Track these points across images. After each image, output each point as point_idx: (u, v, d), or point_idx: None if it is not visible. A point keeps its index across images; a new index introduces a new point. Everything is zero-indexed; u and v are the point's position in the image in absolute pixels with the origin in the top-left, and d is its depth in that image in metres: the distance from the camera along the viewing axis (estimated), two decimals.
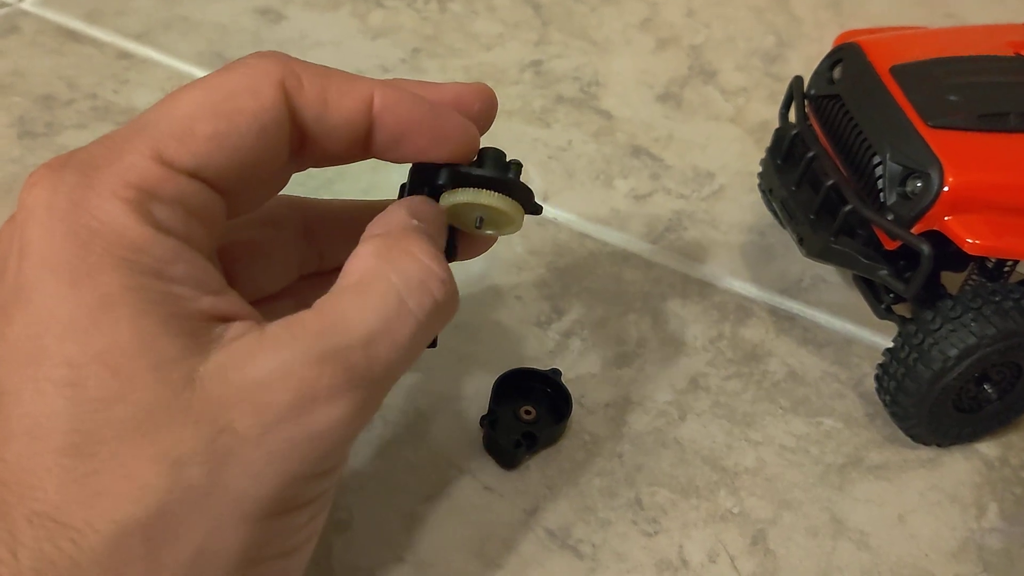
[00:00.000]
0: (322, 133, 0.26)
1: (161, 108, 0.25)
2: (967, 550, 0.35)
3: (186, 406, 0.22)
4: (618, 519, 0.35)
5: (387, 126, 0.27)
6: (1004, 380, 0.37)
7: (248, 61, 0.26)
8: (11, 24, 0.58)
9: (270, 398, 0.22)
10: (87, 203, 0.22)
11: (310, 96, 0.26)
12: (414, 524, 0.34)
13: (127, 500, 0.21)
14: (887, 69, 0.37)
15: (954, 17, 0.67)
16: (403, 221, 0.27)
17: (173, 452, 0.21)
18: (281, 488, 0.23)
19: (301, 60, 0.26)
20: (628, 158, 0.52)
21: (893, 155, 0.35)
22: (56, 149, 0.49)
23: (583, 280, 0.44)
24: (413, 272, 0.25)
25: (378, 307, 0.24)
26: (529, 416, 0.37)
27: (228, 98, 0.25)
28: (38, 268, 0.22)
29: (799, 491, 0.36)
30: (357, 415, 0.24)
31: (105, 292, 0.22)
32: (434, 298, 0.25)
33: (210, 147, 0.24)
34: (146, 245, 0.22)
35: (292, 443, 0.23)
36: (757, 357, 0.41)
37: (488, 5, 0.64)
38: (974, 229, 0.33)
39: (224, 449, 0.22)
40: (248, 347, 0.23)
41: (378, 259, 0.25)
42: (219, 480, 0.22)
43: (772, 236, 0.48)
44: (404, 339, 0.25)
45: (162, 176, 0.23)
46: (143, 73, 0.55)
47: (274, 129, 0.25)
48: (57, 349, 0.22)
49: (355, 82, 0.27)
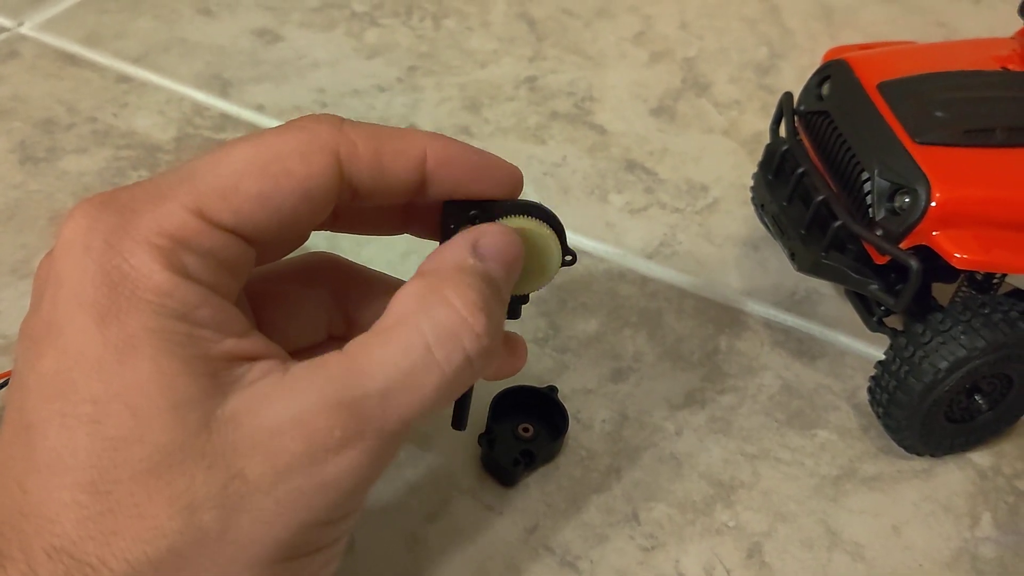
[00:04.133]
0: (377, 191, 0.27)
1: (210, 159, 0.25)
2: (961, 560, 0.35)
3: (201, 449, 0.22)
4: (616, 535, 0.35)
5: (442, 180, 0.27)
6: (995, 391, 0.37)
7: (304, 124, 0.26)
8: (10, 49, 0.58)
9: (283, 446, 0.22)
10: (121, 246, 0.23)
11: (365, 160, 0.26)
12: (416, 545, 0.34)
13: (140, 540, 0.21)
14: (874, 85, 0.38)
15: (946, 26, 0.68)
16: (457, 259, 0.26)
17: (186, 495, 0.22)
18: (291, 535, 0.23)
19: (353, 122, 0.26)
20: (622, 173, 0.53)
21: (881, 171, 0.36)
22: (58, 174, 0.49)
23: (579, 296, 0.45)
24: (446, 321, 0.24)
25: (402, 357, 0.24)
26: (527, 434, 0.37)
27: (277, 159, 0.24)
28: (69, 304, 0.23)
29: (794, 503, 0.37)
30: (370, 465, 0.24)
31: (130, 333, 0.22)
32: (465, 352, 0.24)
33: (252, 206, 0.24)
34: (172, 290, 0.23)
35: (303, 492, 0.23)
36: (752, 370, 0.42)
37: (483, 21, 0.65)
38: (962, 244, 0.34)
39: (236, 495, 0.22)
40: (267, 391, 0.23)
41: (415, 304, 0.25)
42: (230, 525, 0.22)
43: (766, 249, 0.48)
44: (426, 393, 0.24)
45: (198, 229, 0.24)
46: (142, 96, 0.55)
47: (319, 195, 0.25)
48: (84, 385, 0.22)
49: (407, 140, 0.27)
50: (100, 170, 0.50)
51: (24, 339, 0.24)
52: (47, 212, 0.47)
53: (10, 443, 0.23)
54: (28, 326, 0.24)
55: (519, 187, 0.29)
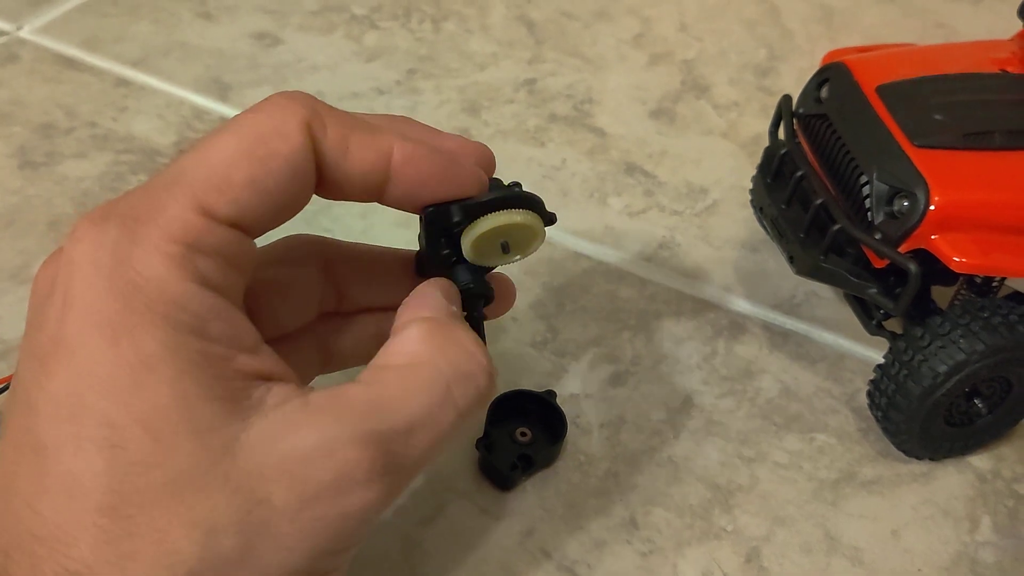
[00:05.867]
0: (339, 178, 0.27)
1: (196, 155, 0.25)
2: (960, 564, 0.35)
3: (225, 474, 0.22)
4: (613, 539, 0.35)
5: (405, 181, 0.27)
6: (994, 394, 0.37)
7: (275, 101, 0.26)
8: (9, 53, 0.58)
9: (311, 474, 0.23)
10: (131, 258, 0.23)
11: (332, 141, 0.26)
12: (412, 548, 0.34)
13: (158, 565, 0.21)
14: (873, 88, 0.38)
15: (945, 27, 0.68)
16: (445, 307, 0.28)
17: (208, 520, 0.22)
18: (308, 562, 0.23)
19: (324, 103, 0.27)
20: (622, 175, 0.53)
21: (880, 175, 0.35)
22: (57, 179, 0.49)
23: (578, 299, 0.45)
24: (462, 362, 0.26)
25: (425, 395, 0.25)
26: (525, 438, 0.37)
27: (260, 142, 0.25)
28: (80, 323, 0.22)
29: (793, 508, 0.37)
30: (388, 498, 0.24)
31: (146, 352, 0.22)
32: (478, 389, 0.26)
33: (247, 194, 0.24)
34: (186, 301, 0.23)
35: (325, 521, 0.23)
36: (751, 374, 0.42)
37: (482, 24, 0.65)
38: (961, 247, 0.34)
39: (259, 521, 0.22)
40: (291, 418, 0.23)
41: (428, 345, 0.26)
42: (251, 551, 0.22)
43: (765, 252, 0.48)
44: (444, 429, 0.25)
45: (204, 228, 0.24)
46: (141, 100, 0.55)
47: (304, 169, 0.25)
48: (98, 407, 0.22)
49: (376, 136, 0.27)
50: (100, 175, 0.50)
51: (29, 358, 0.24)
52: (46, 217, 0.47)
53: (16, 462, 0.23)
54: (32, 343, 0.24)
55: (483, 189, 0.29)
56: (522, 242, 0.30)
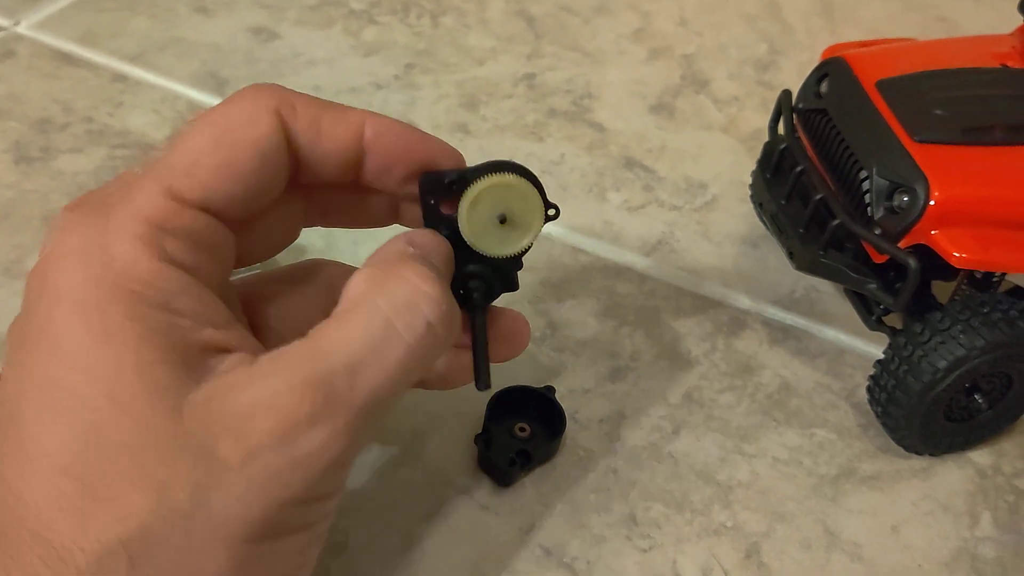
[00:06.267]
0: (316, 160, 0.28)
1: (169, 145, 0.26)
2: (960, 560, 0.35)
3: (175, 432, 0.23)
4: (612, 535, 0.35)
5: (378, 152, 0.28)
6: (994, 390, 0.37)
7: (245, 93, 0.27)
8: (6, 48, 0.58)
9: (253, 426, 0.23)
10: (102, 240, 0.24)
11: (304, 123, 0.27)
12: (411, 545, 0.34)
13: (113, 521, 0.22)
14: (873, 83, 0.38)
15: (946, 21, 0.67)
16: (399, 249, 0.28)
17: (159, 476, 0.22)
18: (265, 514, 0.23)
19: (295, 91, 0.27)
20: (621, 170, 0.52)
21: (879, 170, 0.35)
22: (52, 174, 0.49)
23: (577, 294, 0.45)
24: (402, 294, 0.25)
25: (363, 331, 0.25)
26: (524, 433, 0.37)
27: (229, 130, 0.26)
28: (53, 304, 0.24)
29: (792, 503, 0.37)
30: (343, 442, 0.24)
31: (111, 323, 0.23)
32: (426, 319, 0.25)
33: (216, 178, 0.25)
34: (153, 278, 0.24)
35: (275, 469, 0.23)
36: (750, 369, 0.42)
37: (481, 19, 0.64)
38: (960, 243, 0.34)
39: (208, 475, 0.22)
40: (237, 378, 0.24)
41: (367, 285, 0.26)
42: (203, 504, 0.22)
43: (765, 247, 0.48)
44: (392, 363, 0.25)
45: (172, 210, 0.25)
46: (138, 95, 0.55)
47: (273, 154, 0.26)
48: (65, 376, 0.23)
49: (347, 112, 0.28)
50: (95, 169, 0.50)
51: (12, 341, 0.25)
52: (41, 212, 0.47)
53: None
54: (17, 329, 0.25)
55: (460, 158, 0.30)
56: (520, 215, 0.30)
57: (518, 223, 0.30)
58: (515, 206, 0.29)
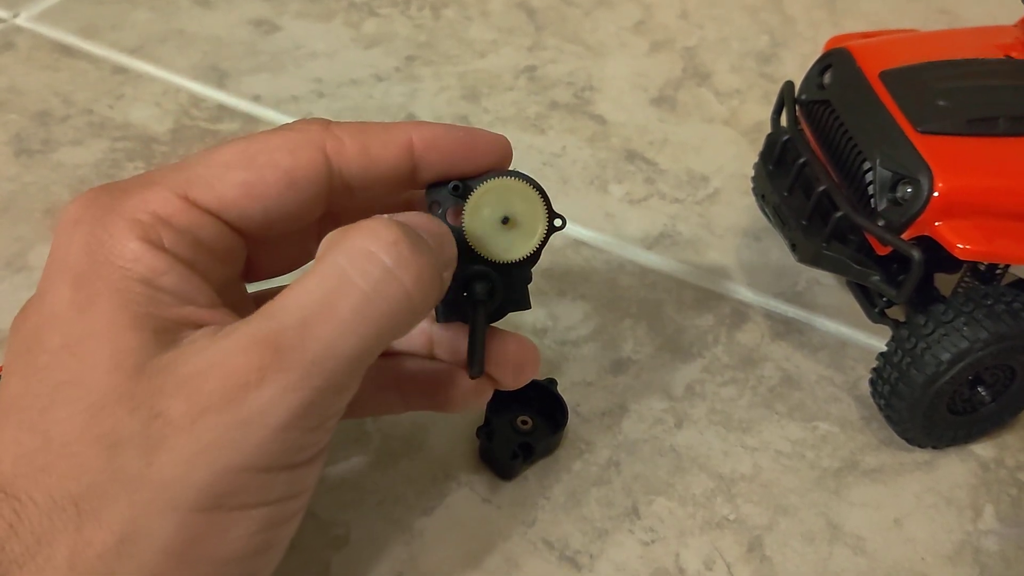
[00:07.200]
0: (370, 183, 0.28)
1: (202, 153, 0.27)
2: (963, 553, 0.35)
3: (131, 392, 0.23)
4: (615, 528, 0.35)
5: (432, 162, 0.29)
6: (998, 382, 0.37)
7: (295, 125, 0.28)
8: (6, 40, 0.58)
9: (202, 386, 0.23)
10: (105, 220, 0.25)
11: (352, 152, 0.27)
12: (412, 538, 0.34)
13: (65, 476, 0.22)
14: (876, 74, 0.37)
15: (948, 13, 0.67)
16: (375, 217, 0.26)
17: (111, 435, 0.23)
18: (213, 478, 0.22)
19: (341, 122, 0.28)
20: (622, 163, 0.52)
21: (883, 161, 0.35)
22: (53, 167, 0.49)
23: (579, 287, 0.45)
24: (359, 241, 0.24)
25: (316, 284, 0.24)
26: (526, 426, 0.37)
27: (264, 152, 0.27)
28: (53, 273, 0.25)
29: (795, 496, 0.37)
30: (297, 400, 0.23)
31: (92, 291, 0.24)
32: (382, 264, 0.24)
33: (236, 193, 0.26)
34: (140, 256, 0.25)
35: (224, 430, 0.22)
36: (753, 362, 0.42)
37: (482, 11, 0.64)
38: (964, 234, 0.34)
39: (157, 435, 0.22)
40: (198, 344, 0.24)
41: (328, 242, 0.25)
42: (151, 464, 0.22)
43: (767, 239, 0.48)
44: (347, 312, 0.23)
45: (179, 208, 0.26)
46: (138, 87, 0.55)
47: (306, 186, 0.27)
48: (47, 338, 0.24)
49: (392, 131, 0.28)
50: (96, 162, 0.49)
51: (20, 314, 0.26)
52: (42, 205, 0.47)
53: None
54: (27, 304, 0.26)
55: (508, 157, 0.30)
56: (523, 217, 0.30)
57: (522, 226, 0.30)
58: (518, 208, 0.30)
